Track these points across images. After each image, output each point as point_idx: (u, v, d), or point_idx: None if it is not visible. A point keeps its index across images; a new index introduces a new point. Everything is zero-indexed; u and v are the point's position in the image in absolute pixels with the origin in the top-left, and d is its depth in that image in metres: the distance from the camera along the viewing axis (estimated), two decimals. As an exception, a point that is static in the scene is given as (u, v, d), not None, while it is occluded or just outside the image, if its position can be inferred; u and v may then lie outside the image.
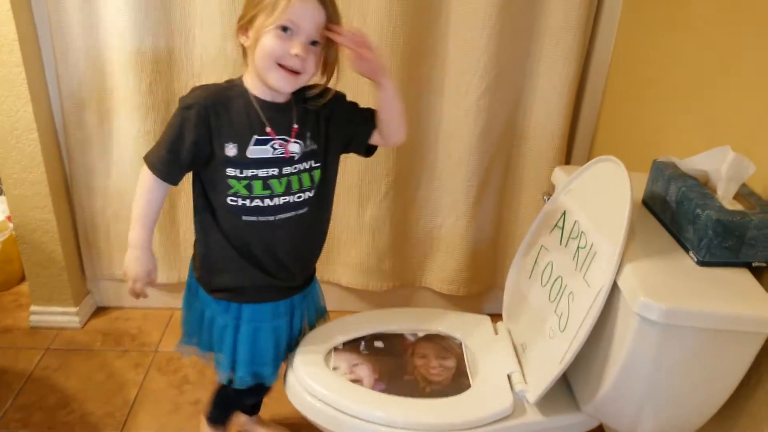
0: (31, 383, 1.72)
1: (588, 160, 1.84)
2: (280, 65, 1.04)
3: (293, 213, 1.15)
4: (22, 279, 2.11)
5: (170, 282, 1.95)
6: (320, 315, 1.36)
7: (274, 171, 1.11)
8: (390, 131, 1.20)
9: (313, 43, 1.05)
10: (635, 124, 1.57)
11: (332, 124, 1.17)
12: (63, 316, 1.93)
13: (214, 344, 1.23)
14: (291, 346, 1.27)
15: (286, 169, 1.12)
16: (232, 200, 1.12)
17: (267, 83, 1.08)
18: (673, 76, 1.38)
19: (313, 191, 1.16)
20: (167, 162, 1.10)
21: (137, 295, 1.16)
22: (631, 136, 1.58)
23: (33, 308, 1.93)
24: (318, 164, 1.16)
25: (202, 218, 1.19)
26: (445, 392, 1.17)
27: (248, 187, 1.11)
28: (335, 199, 1.28)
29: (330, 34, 1.05)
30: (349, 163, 1.78)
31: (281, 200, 1.13)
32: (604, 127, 1.78)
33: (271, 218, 1.14)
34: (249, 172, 1.10)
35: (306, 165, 1.14)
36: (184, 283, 1.97)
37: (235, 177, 1.10)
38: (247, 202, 1.12)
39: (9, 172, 1.72)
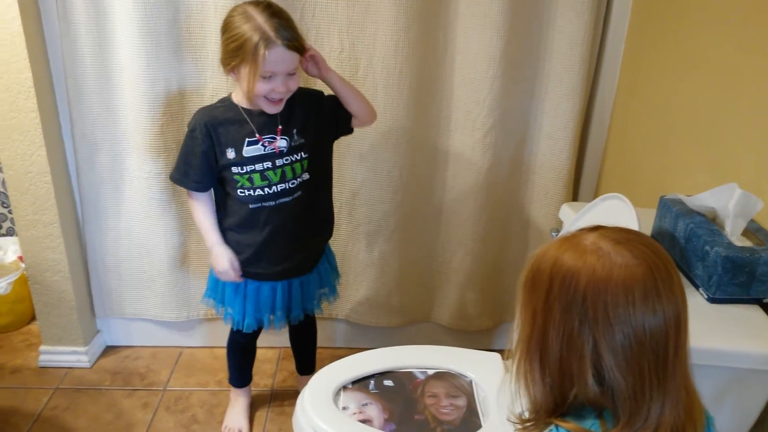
0: (40, 423, 1.71)
1: (595, 196, 1.85)
2: (266, 97, 1.33)
3: (290, 197, 1.43)
4: (33, 319, 2.12)
5: (179, 320, 1.95)
6: (335, 277, 1.65)
7: (268, 164, 1.39)
8: (359, 112, 1.46)
9: (291, 73, 1.32)
10: (641, 160, 1.58)
11: (320, 118, 1.44)
12: (72, 355, 1.93)
13: (226, 300, 1.53)
14: (287, 300, 1.53)
15: (279, 162, 1.40)
16: (240, 192, 1.41)
17: (259, 108, 1.36)
18: (678, 113, 1.40)
19: (304, 176, 1.44)
20: (189, 174, 1.41)
21: (232, 280, 1.48)
22: (637, 173, 1.59)
23: (42, 348, 1.93)
24: (306, 155, 1.42)
25: (217, 209, 1.49)
26: (457, 432, 1.16)
27: (250, 180, 1.40)
28: (345, 235, 1.61)
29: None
30: (358, 201, 1.80)
31: (278, 188, 1.41)
32: (610, 164, 1.79)
33: (273, 203, 1.42)
34: (248, 168, 1.39)
35: (296, 156, 1.41)
36: (193, 321, 1.99)
37: (238, 173, 1.39)
38: (252, 192, 1.40)
39: (22, 213, 1.75)
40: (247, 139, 1.37)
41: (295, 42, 1.29)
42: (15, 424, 1.70)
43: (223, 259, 1.45)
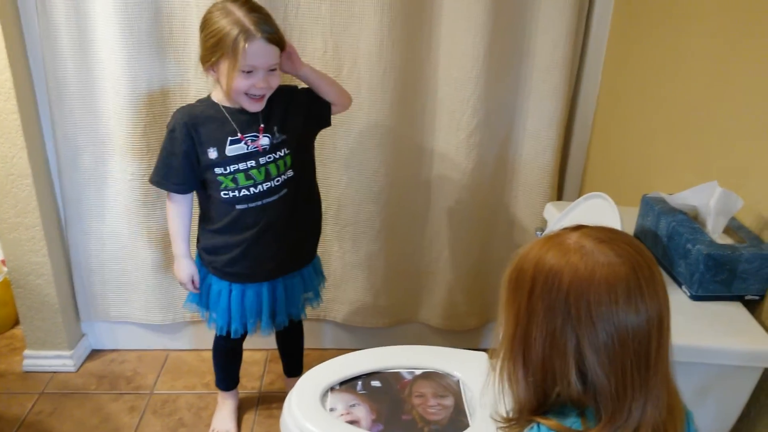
0: (25, 429, 1.69)
1: (579, 194, 1.85)
2: (247, 94, 1.31)
3: (276, 196, 1.41)
4: (16, 323, 2.09)
5: (165, 323, 1.94)
6: (319, 281, 1.63)
7: (252, 163, 1.37)
8: (336, 98, 1.46)
9: (272, 69, 1.31)
10: (624, 159, 1.59)
11: (299, 113, 1.43)
12: (57, 359, 1.91)
13: (210, 305, 1.51)
14: (273, 305, 1.52)
15: (262, 160, 1.38)
16: (224, 194, 1.38)
17: (241, 106, 1.34)
18: (660, 112, 1.41)
19: (288, 173, 1.42)
20: (170, 175, 1.38)
21: (189, 290, 1.51)
22: (621, 171, 1.61)
23: (27, 352, 1.91)
24: (289, 151, 1.41)
25: (202, 212, 1.48)
26: (444, 431, 1.16)
27: (234, 180, 1.37)
28: (331, 236, 1.67)
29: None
30: (344, 201, 1.80)
31: (264, 186, 1.39)
32: (593, 163, 1.81)
33: (260, 203, 1.40)
34: (232, 168, 1.36)
35: (279, 153, 1.39)
36: (179, 324, 1.98)
37: (222, 174, 1.37)
38: (237, 193, 1.38)
39: (4, 216, 1.73)
40: (229, 138, 1.35)
41: (275, 35, 1.28)
42: (-1, 430, 1.68)
43: (185, 273, 1.48)
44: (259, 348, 1.99)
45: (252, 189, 1.38)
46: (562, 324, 0.68)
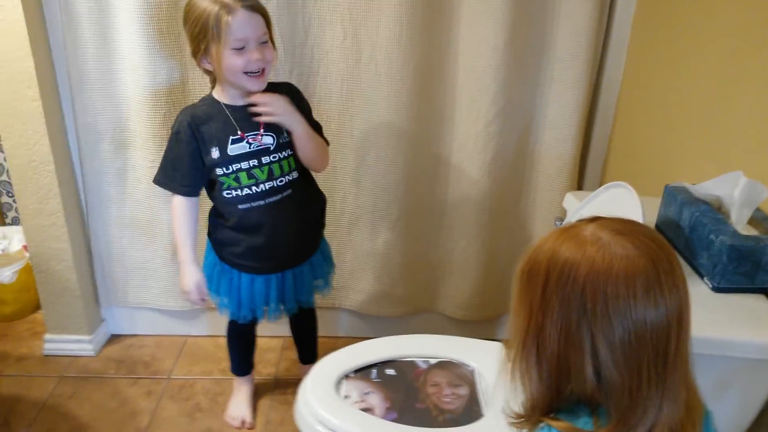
0: (45, 412, 1.72)
1: (600, 184, 1.83)
2: (246, 72, 1.27)
3: (280, 196, 1.40)
4: (38, 307, 2.13)
5: (183, 309, 1.95)
6: (329, 268, 1.62)
7: (254, 162, 1.36)
8: (307, 162, 1.43)
9: (263, 42, 1.28)
10: (646, 148, 1.56)
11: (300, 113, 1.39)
12: (77, 344, 1.94)
13: (221, 291, 1.50)
14: (282, 292, 1.51)
15: (265, 159, 1.37)
16: (227, 193, 1.38)
17: (244, 89, 1.31)
18: (683, 101, 1.38)
19: (293, 174, 1.41)
20: (177, 177, 1.37)
21: (194, 303, 1.47)
22: (643, 161, 1.58)
23: (47, 336, 1.95)
24: (293, 152, 1.40)
25: (212, 210, 1.47)
26: (458, 421, 1.15)
27: (236, 179, 1.36)
28: (348, 225, 1.71)
29: (255, 109, 1.32)
30: (361, 190, 1.79)
31: (267, 186, 1.38)
32: (615, 152, 1.78)
33: (262, 202, 1.39)
34: (234, 167, 1.35)
35: (283, 154, 1.38)
36: (196, 310, 2.00)
37: (224, 174, 1.36)
38: (239, 192, 1.37)
39: (26, 202, 1.75)
40: (230, 137, 1.34)
41: (256, 3, 1.27)
42: (20, 412, 1.71)
43: (190, 280, 1.43)
44: (275, 335, 2.00)
45: (254, 188, 1.38)
46: (578, 318, 0.65)
